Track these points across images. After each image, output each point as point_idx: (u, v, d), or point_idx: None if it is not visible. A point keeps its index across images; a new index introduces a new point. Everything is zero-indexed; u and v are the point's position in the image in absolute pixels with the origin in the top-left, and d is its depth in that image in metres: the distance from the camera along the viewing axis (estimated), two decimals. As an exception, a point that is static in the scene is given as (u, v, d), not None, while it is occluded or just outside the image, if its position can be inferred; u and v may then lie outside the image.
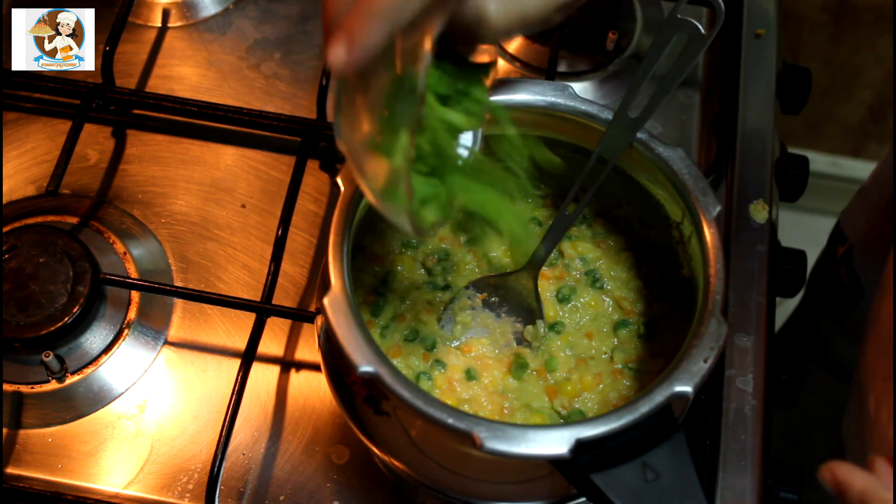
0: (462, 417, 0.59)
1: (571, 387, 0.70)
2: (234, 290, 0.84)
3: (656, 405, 0.59)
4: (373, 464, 0.77)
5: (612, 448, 0.58)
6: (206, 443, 0.78)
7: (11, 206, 0.87)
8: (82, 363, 0.80)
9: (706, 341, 0.61)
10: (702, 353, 0.61)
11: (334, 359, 0.69)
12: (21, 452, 0.78)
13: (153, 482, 0.77)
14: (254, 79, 0.93)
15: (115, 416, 0.79)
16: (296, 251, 0.85)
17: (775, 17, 0.95)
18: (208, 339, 0.82)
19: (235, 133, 0.90)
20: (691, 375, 0.60)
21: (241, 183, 0.89)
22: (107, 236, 0.85)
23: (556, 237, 0.72)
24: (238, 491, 0.76)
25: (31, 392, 0.79)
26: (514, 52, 0.93)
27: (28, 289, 0.78)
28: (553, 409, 0.70)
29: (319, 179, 0.89)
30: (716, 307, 0.63)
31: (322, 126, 0.88)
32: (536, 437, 0.58)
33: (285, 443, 0.78)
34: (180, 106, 0.89)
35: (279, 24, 0.96)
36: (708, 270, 0.64)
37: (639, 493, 0.57)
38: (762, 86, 0.91)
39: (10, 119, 0.91)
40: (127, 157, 0.90)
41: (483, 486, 0.68)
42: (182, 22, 0.96)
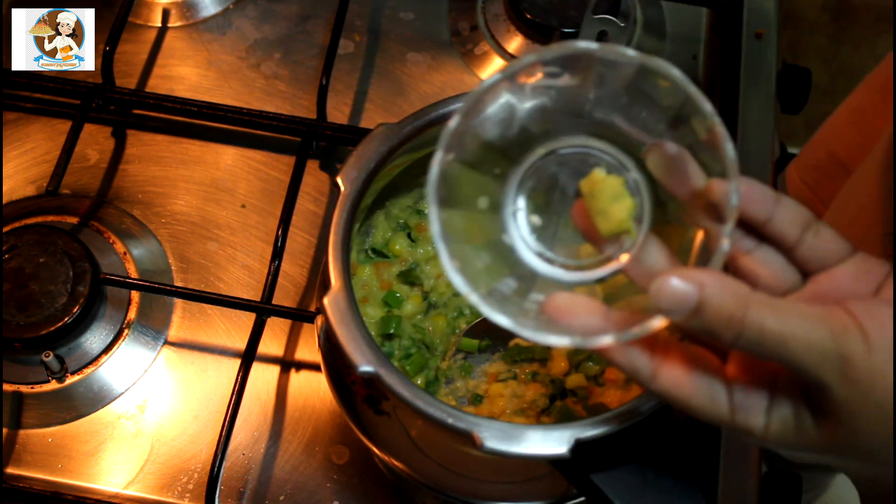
0: (462, 417, 0.59)
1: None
2: (234, 290, 0.84)
3: (656, 405, 0.59)
4: (373, 464, 0.77)
5: (612, 448, 0.58)
6: (206, 443, 0.78)
7: (11, 206, 0.87)
8: (82, 363, 0.80)
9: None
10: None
11: (334, 359, 0.69)
12: (21, 452, 0.78)
13: (153, 482, 0.77)
14: (254, 79, 0.93)
15: (115, 416, 0.79)
16: (296, 251, 0.85)
17: (775, 17, 0.95)
18: (208, 339, 0.82)
19: (235, 133, 0.90)
20: (691, 375, 0.60)
21: (241, 183, 0.88)
22: (107, 236, 0.85)
23: None
24: (238, 491, 0.76)
25: (31, 392, 0.79)
26: (513, 52, 0.93)
27: (28, 289, 0.78)
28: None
29: (319, 179, 0.89)
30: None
31: (322, 126, 0.88)
32: (536, 437, 0.58)
33: (285, 443, 0.78)
34: (180, 106, 0.89)
35: (279, 24, 0.96)
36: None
37: (639, 493, 0.57)
38: (762, 86, 0.91)
39: (10, 119, 0.91)
40: (127, 157, 0.90)
41: (483, 486, 0.68)
42: (182, 22, 0.96)
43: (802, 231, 0.49)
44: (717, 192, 0.47)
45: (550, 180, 0.52)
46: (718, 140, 0.47)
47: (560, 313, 0.47)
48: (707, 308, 0.45)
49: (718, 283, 0.45)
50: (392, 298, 0.74)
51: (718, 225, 0.47)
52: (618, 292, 0.52)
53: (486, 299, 0.48)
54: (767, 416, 0.48)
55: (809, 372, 0.45)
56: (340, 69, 0.93)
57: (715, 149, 0.47)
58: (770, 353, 0.46)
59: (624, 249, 0.51)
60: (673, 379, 0.48)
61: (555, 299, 0.48)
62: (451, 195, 0.49)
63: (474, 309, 0.76)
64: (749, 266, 0.50)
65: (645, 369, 0.48)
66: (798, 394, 0.48)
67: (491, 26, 0.95)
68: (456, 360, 0.75)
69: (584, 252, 0.52)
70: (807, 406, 0.48)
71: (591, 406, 0.71)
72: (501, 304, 0.48)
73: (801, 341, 0.45)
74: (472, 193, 0.51)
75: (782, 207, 0.49)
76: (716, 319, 0.45)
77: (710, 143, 0.47)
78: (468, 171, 0.51)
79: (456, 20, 0.96)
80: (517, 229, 0.52)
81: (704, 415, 0.48)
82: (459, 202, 0.50)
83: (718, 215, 0.47)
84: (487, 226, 0.52)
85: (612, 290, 0.52)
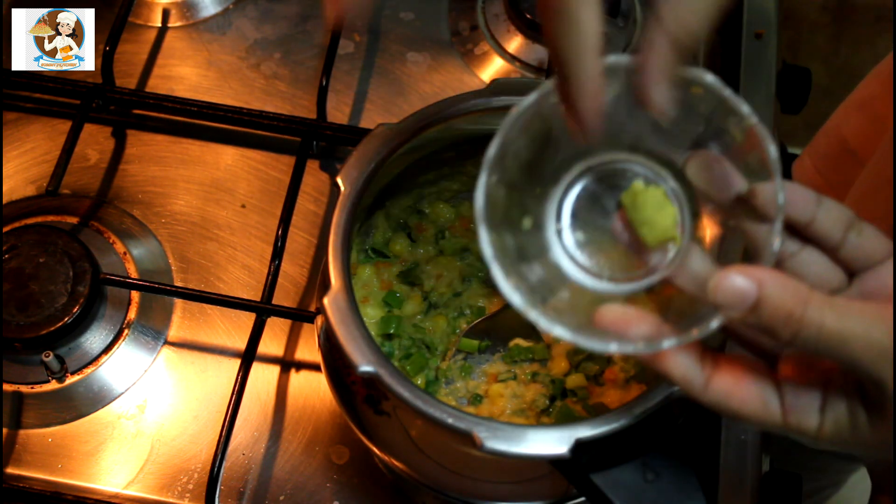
0: (462, 417, 0.59)
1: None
2: (234, 290, 0.84)
3: (656, 405, 0.59)
4: (373, 464, 0.77)
5: (612, 448, 0.58)
6: (206, 443, 0.78)
7: (11, 206, 0.87)
8: (82, 363, 0.80)
9: (706, 341, 0.61)
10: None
11: (334, 359, 0.69)
12: (21, 452, 0.78)
13: (153, 482, 0.77)
14: (254, 79, 0.93)
15: (115, 416, 0.79)
16: (296, 251, 0.85)
17: (775, 17, 0.95)
18: (208, 339, 0.82)
19: (235, 133, 0.90)
20: (691, 375, 0.60)
21: (241, 183, 0.88)
22: (107, 236, 0.85)
23: None
24: (238, 491, 0.76)
25: (31, 392, 0.79)
26: (513, 52, 0.93)
27: (28, 289, 0.78)
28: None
29: (319, 179, 0.89)
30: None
31: (322, 126, 0.88)
32: (536, 437, 0.58)
33: (285, 443, 0.78)
34: (180, 106, 0.89)
35: (279, 24, 0.95)
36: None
37: (639, 493, 0.57)
38: (762, 86, 0.91)
39: (10, 119, 0.91)
40: (127, 157, 0.90)
41: (483, 486, 0.68)
42: (182, 22, 0.96)
43: (845, 231, 0.50)
44: (761, 193, 0.47)
45: (590, 197, 0.53)
46: (758, 140, 0.47)
47: (614, 325, 0.48)
48: (766, 305, 0.45)
49: (778, 279, 0.45)
50: (392, 298, 0.74)
51: (764, 226, 0.47)
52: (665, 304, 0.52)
53: (544, 314, 0.49)
54: (821, 415, 0.48)
55: (868, 369, 0.46)
56: (340, 69, 0.93)
57: (755, 150, 0.47)
58: (828, 351, 0.46)
59: (669, 258, 0.51)
60: (724, 388, 0.49)
61: (607, 312, 0.48)
62: (495, 217, 0.50)
63: (475, 309, 0.76)
64: (795, 269, 0.50)
65: (698, 380, 0.49)
66: (852, 392, 0.48)
67: (491, 26, 0.95)
68: (456, 361, 0.75)
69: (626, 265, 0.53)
70: (861, 404, 0.48)
71: (591, 406, 0.71)
72: (559, 318, 0.49)
73: (860, 339, 0.45)
74: (516, 214, 0.52)
75: (824, 208, 0.49)
76: (775, 316, 0.45)
77: (749, 144, 0.48)
78: (510, 192, 0.51)
79: (456, 20, 0.96)
80: (562, 247, 0.53)
81: (757, 420, 0.49)
82: (505, 223, 0.51)
83: (763, 217, 0.47)
84: (534, 245, 0.53)
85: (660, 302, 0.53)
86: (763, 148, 0.47)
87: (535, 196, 0.53)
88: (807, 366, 0.49)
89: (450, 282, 0.76)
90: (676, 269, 0.51)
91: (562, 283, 0.52)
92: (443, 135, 0.70)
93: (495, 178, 0.50)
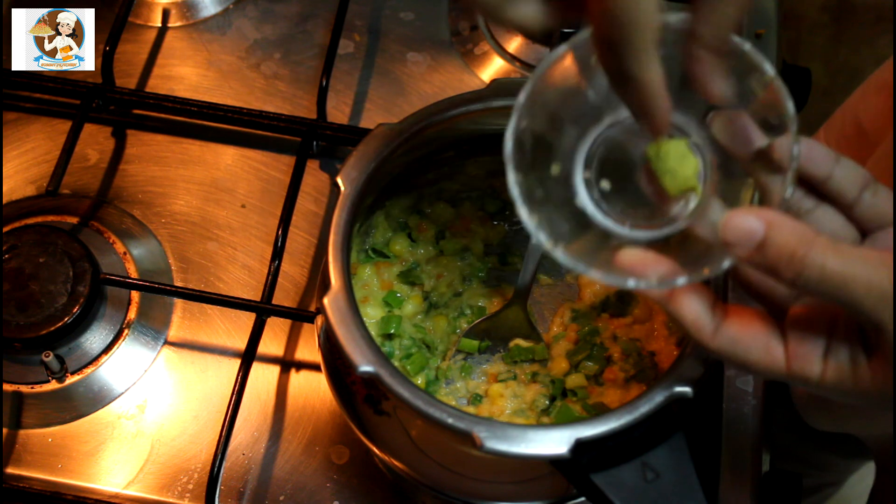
0: (462, 417, 0.59)
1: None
2: (234, 290, 0.84)
3: (656, 405, 0.59)
4: (373, 464, 0.77)
5: (612, 448, 0.58)
6: (206, 443, 0.78)
7: (11, 206, 0.87)
8: (82, 363, 0.80)
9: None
10: (702, 354, 0.61)
11: (334, 359, 0.69)
12: (21, 452, 0.78)
13: (153, 482, 0.77)
14: (254, 79, 0.93)
15: (115, 416, 0.79)
16: (296, 251, 0.85)
17: (775, 17, 0.95)
18: (208, 339, 0.82)
19: (235, 133, 0.90)
20: (691, 375, 0.60)
21: (241, 183, 0.88)
22: (107, 236, 0.85)
23: (535, 260, 0.72)
24: (238, 491, 0.76)
25: (31, 392, 0.79)
26: (513, 52, 0.93)
27: (28, 289, 0.78)
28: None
29: (319, 179, 0.89)
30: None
31: (322, 126, 0.88)
32: (536, 437, 0.58)
33: (285, 443, 0.78)
34: (180, 106, 0.89)
35: (279, 24, 0.96)
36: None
37: (639, 493, 0.57)
38: (762, 86, 0.91)
39: (10, 119, 0.91)
40: (127, 157, 0.90)
41: (483, 486, 0.68)
42: (182, 22, 0.96)
43: (861, 190, 0.51)
44: (779, 145, 0.49)
45: (617, 148, 0.55)
46: (778, 94, 0.50)
47: (634, 266, 0.50)
48: (771, 244, 0.47)
49: (785, 220, 0.47)
50: (392, 298, 0.74)
51: (779, 179, 0.50)
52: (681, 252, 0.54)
53: (567, 252, 0.51)
54: (824, 362, 0.50)
55: (868, 312, 0.47)
56: (340, 69, 0.93)
57: (774, 103, 0.50)
58: (829, 292, 0.47)
59: (690, 208, 0.53)
60: (732, 334, 0.50)
61: (627, 255, 0.50)
62: (524, 161, 0.52)
63: (475, 309, 0.76)
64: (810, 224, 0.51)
65: (708, 326, 0.50)
66: (854, 338, 0.50)
67: (491, 26, 0.95)
68: (456, 361, 0.75)
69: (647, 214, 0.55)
70: (862, 349, 0.49)
71: (591, 406, 0.71)
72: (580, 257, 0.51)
73: (861, 282, 0.46)
74: (544, 161, 0.54)
75: (841, 166, 0.51)
76: (779, 256, 0.47)
77: (769, 99, 0.50)
78: (539, 139, 0.53)
79: (456, 20, 0.96)
80: (588, 194, 0.55)
81: (762, 367, 0.50)
82: (533, 168, 0.53)
83: (780, 170, 0.50)
84: (560, 191, 0.54)
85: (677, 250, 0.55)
86: (781, 100, 0.49)
87: (564, 145, 0.55)
88: (809, 317, 0.51)
89: (450, 282, 0.76)
90: (696, 218, 0.53)
91: (584, 228, 0.54)
92: (443, 135, 0.70)
93: (525, 123, 0.52)
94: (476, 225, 0.78)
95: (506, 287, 0.78)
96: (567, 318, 0.76)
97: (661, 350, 0.71)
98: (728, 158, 0.53)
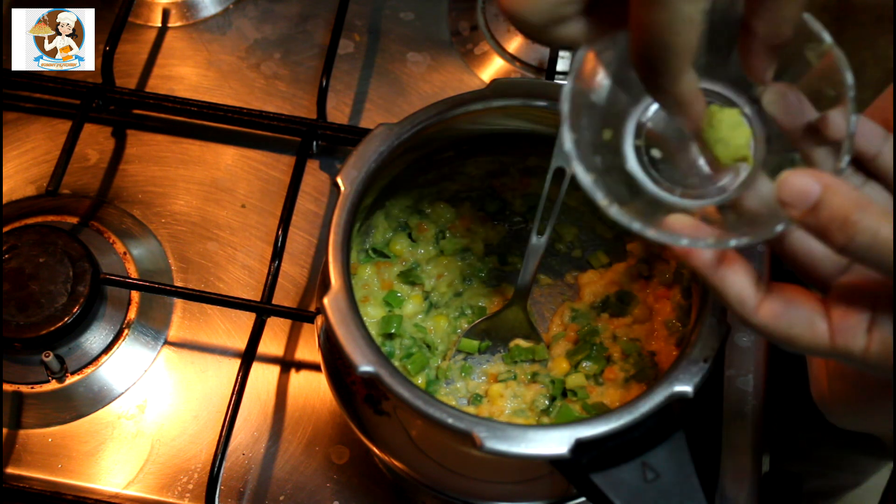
0: (462, 417, 0.59)
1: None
2: (234, 290, 0.84)
3: (656, 405, 0.59)
4: (373, 464, 0.77)
5: (612, 448, 0.58)
6: (206, 443, 0.78)
7: (11, 206, 0.87)
8: (82, 363, 0.80)
9: (706, 341, 0.61)
10: (702, 353, 0.61)
11: (334, 359, 0.69)
12: (21, 452, 0.78)
13: (153, 482, 0.77)
14: (254, 79, 0.93)
15: (115, 416, 0.79)
16: (296, 251, 0.85)
17: (775, 17, 0.94)
18: (208, 339, 0.82)
19: (235, 133, 0.90)
20: (691, 375, 0.60)
21: (241, 183, 0.88)
22: (107, 236, 0.85)
23: (535, 260, 0.72)
24: (238, 491, 0.76)
25: (31, 392, 0.79)
26: (514, 52, 0.93)
27: (28, 289, 0.78)
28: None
29: (319, 179, 0.89)
30: (716, 307, 0.63)
31: (322, 126, 0.88)
32: (536, 437, 0.58)
33: (285, 443, 0.78)
34: (180, 106, 0.89)
35: (279, 24, 0.96)
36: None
37: (639, 493, 0.57)
38: (762, 86, 0.91)
39: (10, 119, 0.91)
40: (127, 157, 0.90)
41: (483, 486, 0.68)
42: (182, 22, 0.96)
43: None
44: (833, 117, 0.49)
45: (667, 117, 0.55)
46: (836, 64, 0.49)
47: (683, 230, 0.50)
48: (825, 206, 0.46)
49: (841, 184, 0.47)
50: (393, 298, 0.74)
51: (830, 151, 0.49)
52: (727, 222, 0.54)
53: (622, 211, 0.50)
54: (868, 336, 0.49)
55: None
56: (340, 69, 0.93)
57: (831, 74, 0.49)
58: (879, 259, 0.47)
59: (739, 177, 0.53)
60: (775, 310, 0.50)
61: (677, 219, 0.50)
62: (577, 123, 0.52)
63: (475, 309, 0.76)
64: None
65: (751, 300, 0.50)
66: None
67: (491, 26, 0.95)
68: (456, 361, 0.75)
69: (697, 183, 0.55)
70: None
71: (591, 406, 0.71)
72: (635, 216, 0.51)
73: None
74: (597, 125, 0.54)
75: (890, 145, 0.51)
76: (832, 219, 0.47)
77: (825, 69, 0.50)
78: (593, 103, 0.53)
79: (456, 20, 0.96)
80: (639, 161, 0.55)
81: (806, 343, 0.50)
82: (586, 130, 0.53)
83: (832, 142, 0.49)
84: (609, 156, 0.54)
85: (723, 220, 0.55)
86: (840, 70, 0.49)
87: (617, 112, 0.55)
88: (856, 290, 0.50)
89: (450, 282, 0.76)
90: (745, 188, 0.53)
91: (632, 194, 0.54)
92: (443, 135, 0.70)
93: (580, 86, 0.52)
94: (476, 225, 0.78)
95: (506, 287, 0.78)
96: (567, 317, 0.76)
97: (661, 350, 0.71)
98: (774, 131, 0.53)
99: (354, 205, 0.66)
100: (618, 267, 0.77)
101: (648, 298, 0.74)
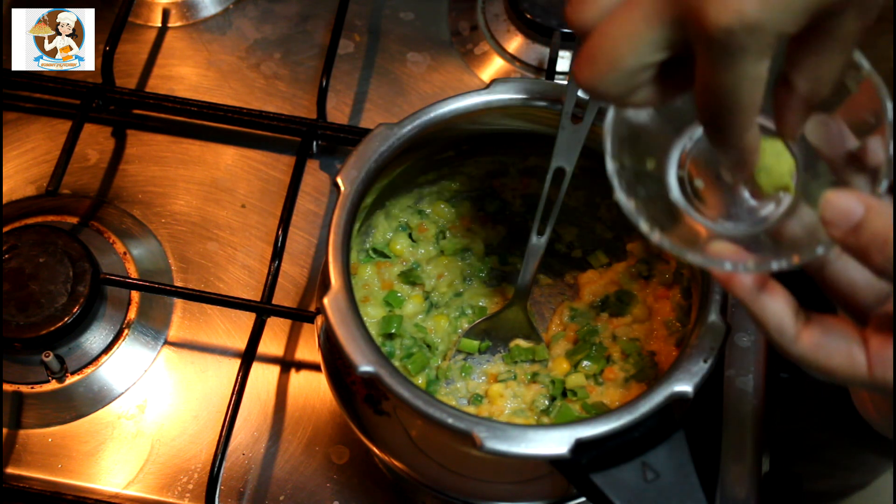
0: (462, 417, 0.59)
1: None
2: (234, 290, 0.84)
3: (656, 405, 0.59)
4: (373, 464, 0.77)
5: (612, 448, 0.58)
6: (206, 443, 0.78)
7: (11, 206, 0.87)
8: (82, 363, 0.79)
9: (706, 341, 0.61)
10: (701, 353, 0.61)
11: (334, 359, 0.69)
12: (21, 452, 0.78)
13: (153, 482, 0.77)
14: (254, 79, 0.93)
15: (115, 416, 0.79)
16: (296, 251, 0.85)
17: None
18: (208, 339, 0.82)
19: (235, 133, 0.90)
20: (691, 375, 0.60)
21: (241, 183, 0.88)
22: (107, 236, 0.85)
23: (535, 260, 0.72)
24: (238, 491, 0.76)
25: (31, 392, 0.79)
26: (513, 52, 0.93)
27: (28, 289, 0.78)
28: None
29: (319, 179, 0.89)
30: (715, 307, 0.63)
31: (322, 126, 0.88)
32: (536, 437, 0.58)
33: (285, 443, 0.78)
34: (180, 106, 0.89)
35: (279, 24, 0.96)
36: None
37: (639, 493, 0.57)
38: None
39: (10, 119, 0.91)
40: (127, 157, 0.90)
41: (483, 486, 0.68)
42: (182, 22, 0.96)
43: None
44: (872, 143, 0.50)
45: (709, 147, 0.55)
46: (875, 92, 0.50)
47: (725, 255, 0.50)
48: (867, 227, 0.47)
49: (883, 205, 0.47)
50: (393, 298, 0.74)
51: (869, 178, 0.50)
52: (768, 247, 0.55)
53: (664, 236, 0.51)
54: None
55: None
56: (340, 69, 0.93)
57: (869, 101, 0.50)
58: None
59: (781, 206, 0.54)
60: (814, 340, 0.50)
61: (719, 246, 0.50)
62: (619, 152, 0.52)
63: (476, 309, 0.76)
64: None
65: (790, 330, 0.50)
66: None
67: (491, 26, 0.95)
68: (456, 361, 0.75)
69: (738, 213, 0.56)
70: None
71: (591, 406, 0.71)
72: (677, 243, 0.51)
73: None
74: (640, 154, 0.54)
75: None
76: (873, 240, 0.47)
77: (864, 96, 0.50)
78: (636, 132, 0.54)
79: (456, 20, 0.96)
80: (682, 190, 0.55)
81: (844, 374, 0.50)
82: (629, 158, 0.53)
83: (871, 170, 0.50)
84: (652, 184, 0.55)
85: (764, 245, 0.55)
86: (879, 98, 0.50)
87: (659, 142, 0.55)
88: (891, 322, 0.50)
89: (451, 282, 0.76)
90: (787, 216, 0.53)
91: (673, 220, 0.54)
92: (443, 135, 0.70)
93: (622, 115, 0.52)
94: (476, 225, 0.78)
95: (506, 287, 0.78)
96: (566, 317, 0.76)
97: (661, 350, 0.71)
98: (813, 158, 0.53)
99: (354, 205, 0.66)
100: (617, 267, 0.77)
101: (648, 298, 0.74)
